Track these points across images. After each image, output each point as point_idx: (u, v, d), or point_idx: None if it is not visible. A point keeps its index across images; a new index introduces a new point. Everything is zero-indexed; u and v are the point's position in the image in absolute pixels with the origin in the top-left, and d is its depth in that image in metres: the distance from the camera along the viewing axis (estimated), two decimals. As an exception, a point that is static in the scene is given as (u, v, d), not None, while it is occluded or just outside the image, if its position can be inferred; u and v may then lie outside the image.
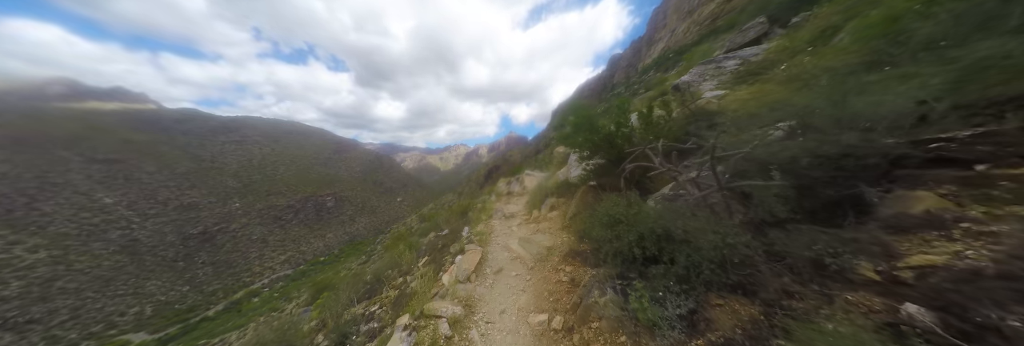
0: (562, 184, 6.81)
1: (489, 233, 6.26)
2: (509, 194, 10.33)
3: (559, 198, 6.53)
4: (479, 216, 7.84)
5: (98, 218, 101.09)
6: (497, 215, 7.34)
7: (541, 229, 5.75)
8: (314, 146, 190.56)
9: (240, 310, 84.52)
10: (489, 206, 8.85)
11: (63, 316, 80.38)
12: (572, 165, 6.14)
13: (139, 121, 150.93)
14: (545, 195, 7.01)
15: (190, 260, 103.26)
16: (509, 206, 8.24)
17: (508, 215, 7.23)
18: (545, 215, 6.31)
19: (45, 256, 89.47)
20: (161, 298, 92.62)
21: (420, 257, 7.13)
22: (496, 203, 9.20)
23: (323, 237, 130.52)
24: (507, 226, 6.55)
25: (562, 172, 7.81)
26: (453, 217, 9.15)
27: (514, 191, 10.41)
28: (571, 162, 5.94)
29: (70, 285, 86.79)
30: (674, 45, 67.17)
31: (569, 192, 6.25)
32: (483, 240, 5.89)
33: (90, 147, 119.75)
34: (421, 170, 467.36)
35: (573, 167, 5.85)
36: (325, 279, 15.33)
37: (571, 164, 5.86)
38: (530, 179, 11.93)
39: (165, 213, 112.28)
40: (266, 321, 22.55)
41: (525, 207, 7.59)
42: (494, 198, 10.34)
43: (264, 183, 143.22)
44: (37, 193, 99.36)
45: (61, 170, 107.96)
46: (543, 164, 15.81)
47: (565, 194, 6.44)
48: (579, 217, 4.65)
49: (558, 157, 11.24)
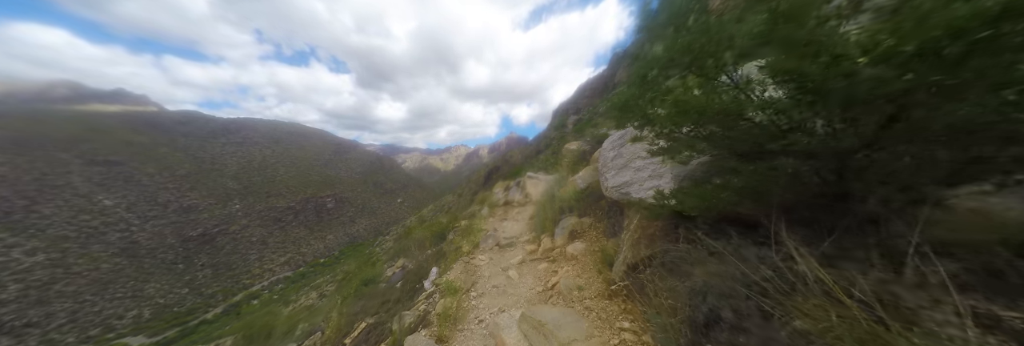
0: (583, 195, 4.64)
1: (466, 290, 3.70)
2: (507, 205, 7.91)
3: (582, 218, 4.22)
4: (460, 245, 5.05)
5: (97, 220, 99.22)
6: (487, 243, 4.93)
7: (563, 282, 3.25)
8: (314, 147, 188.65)
9: (239, 313, 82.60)
10: (477, 225, 6.24)
11: (61, 319, 78.58)
12: (611, 164, 3.55)
13: (140, 123, 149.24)
14: (559, 211, 4.73)
15: (189, 262, 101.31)
16: (506, 225, 5.95)
17: (504, 243, 4.84)
18: (563, 248, 3.89)
19: (43, 259, 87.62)
20: (160, 301, 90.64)
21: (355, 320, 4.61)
22: (488, 220, 6.80)
23: (323, 239, 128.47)
24: (501, 267, 4.13)
25: (583, 176, 5.42)
26: (426, 240, 6.81)
27: (514, 200, 8.02)
28: (612, 157, 3.57)
29: (68, 288, 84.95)
30: (677, 43, 65.14)
31: (596, 209, 4.11)
32: (453, 312, 3.23)
33: (90, 149, 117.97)
34: (422, 171, 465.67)
35: (614, 169, 3.45)
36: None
37: (609, 162, 3.50)
38: (534, 184, 9.62)
39: (165, 215, 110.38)
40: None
41: (529, 228, 5.30)
42: (486, 211, 7.84)
43: (264, 185, 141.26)
44: (36, 195, 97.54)
45: (61, 172, 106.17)
46: (548, 165, 13.47)
47: (591, 212, 4.23)
48: (653, 279, 2.21)
49: (569, 156, 8.88)
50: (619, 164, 3.36)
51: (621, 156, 3.37)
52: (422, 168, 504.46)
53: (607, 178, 3.45)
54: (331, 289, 22.34)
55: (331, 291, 18.81)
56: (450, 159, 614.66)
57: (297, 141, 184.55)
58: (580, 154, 7.74)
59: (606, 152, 3.72)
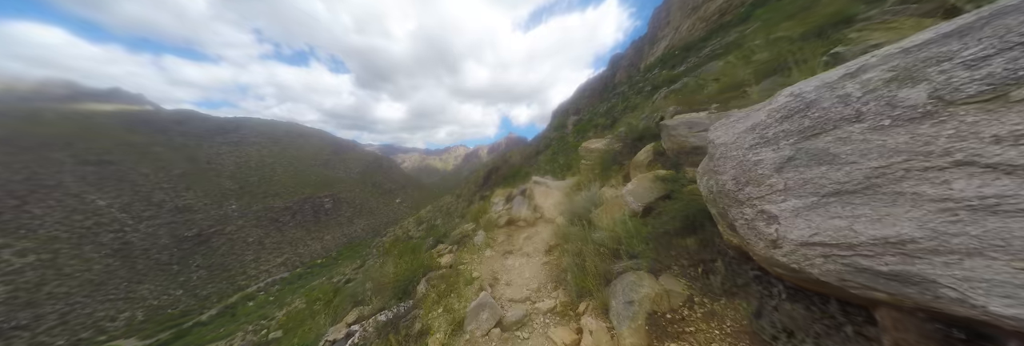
0: (651, 228, 2.64)
1: None
2: (511, 225, 5.79)
3: (661, 278, 2.22)
4: (430, 326, 2.88)
5: (90, 221, 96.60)
6: (479, 320, 2.74)
7: None
8: (312, 147, 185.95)
9: (234, 314, 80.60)
10: (465, 271, 3.92)
11: (51, 322, 76.23)
12: (777, 178, 1.56)
13: (135, 122, 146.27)
14: (608, 255, 2.68)
15: (184, 263, 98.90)
16: (512, 264, 3.82)
17: (511, 320, 2.68)
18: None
19: (34, 260, 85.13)
20: (153, 302, 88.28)
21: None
22: (484, 253, 4.56)
23: (321, 239, 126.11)
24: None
25: (636, 191, 3.32)
26: (387, 287, 4.28)
27: (520, 217, 5.94)
28: (775, 161, 1.52)
29: (59, 289, 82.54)
30: (679, 42, 63.48)
31: (689, 260, 2.21)
32: None
33: (84, 148, 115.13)
34: (421, 171, 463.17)
35: (792, 192, 1.42)
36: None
37: (755, 170, 1.40)
38: (544, 193, 7.40)
39: (159, 215, 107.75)
40: None
41: (549, 275, 3.27)
42: (480, 237, 5.43)
43: (261, 185, 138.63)
44: (27, 195, 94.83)
45: (53, 172, 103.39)
46: (557, 168, 11.38)
47: (678, 263, 2.26)
48: None
49: (593, 159, 6.68)
50: (809, 179, 1.45)
51: (824, 156, 1.40)
52: (421, 168, 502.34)
53: (763, 215, 1.55)
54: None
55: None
56: (449, 159, 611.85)
57: (295, 141, 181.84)
58: (611, 156, 5.84)
59: (733, 147, 1.84)
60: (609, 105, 38.63)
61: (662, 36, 79.65)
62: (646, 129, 5.40)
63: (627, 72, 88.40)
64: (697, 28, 63.18)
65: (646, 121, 5.79)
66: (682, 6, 72.63)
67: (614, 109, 32.08)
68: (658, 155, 4.27)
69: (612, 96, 50.74)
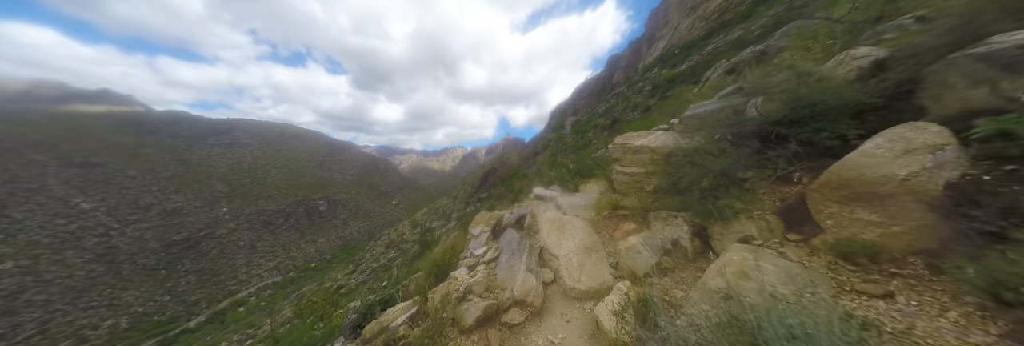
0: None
1: None
2: (488, 324, 3.03)
3: None
4: None
5: (74, 225, 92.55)
6: None
7: None
8: (307, 149, 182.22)
9: (224, 320, 77.15)
10: None
11: (29, 331, 72.31)
12: None
13: (124, 123, 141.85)
14: None
15: (172, 268, 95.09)
16: None
17: None
18: None
19: (12, 266, 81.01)
20: (139, 309, 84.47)
21: None
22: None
23: (315, 242, 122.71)
24: None
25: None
26: None
27: (510, 300, 3.27)
28: None
29: (38, 297, 78.51)
30: (679, 42, 61.77)
31: None
32: None
33: (68, 150, 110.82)
34: (418, 173, 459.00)
35: None
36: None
37: None
38: (556, 225, 4.64)
39: (147, 219, 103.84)
40: None
41: None
42: (448, 318, 2.70)
43: (254, 187, 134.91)
44: (7, 199, 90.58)
45: (35, 174, 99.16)
46: (567, 173, 8.70)
47: None
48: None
49: (653, 167, 4.11)
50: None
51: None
52: (418, 170, 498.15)
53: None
54: None
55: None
56: (447, 161, 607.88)
57: (289, 142, 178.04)
58: (703, 167, 3.02)
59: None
60: (608, 105, 36.68)
61: (660, 36, 78.06)
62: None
63: (625, 73, 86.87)
64: (697, 27, 61.51)
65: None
66: (680, 6, 71.10)
67: (613, 109, 30.07)
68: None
69: (611, 96, 48.91)
